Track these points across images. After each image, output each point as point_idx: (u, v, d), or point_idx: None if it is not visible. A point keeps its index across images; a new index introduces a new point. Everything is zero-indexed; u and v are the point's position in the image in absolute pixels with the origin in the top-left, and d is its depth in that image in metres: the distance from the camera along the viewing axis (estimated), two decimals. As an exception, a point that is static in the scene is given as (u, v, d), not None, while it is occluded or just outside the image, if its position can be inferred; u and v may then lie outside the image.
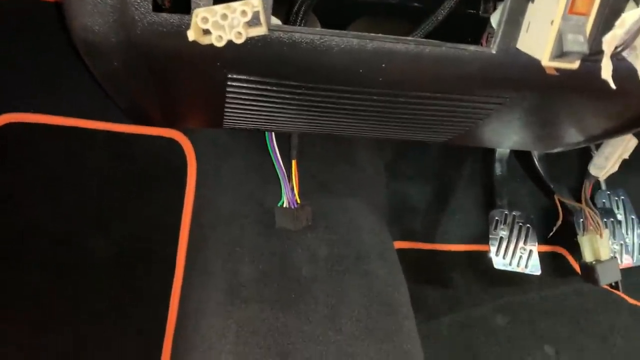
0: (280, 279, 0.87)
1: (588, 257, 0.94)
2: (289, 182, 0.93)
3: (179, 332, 0.92)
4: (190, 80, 0.58)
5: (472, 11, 0.66)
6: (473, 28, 0.64)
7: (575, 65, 0.51)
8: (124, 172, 1.05)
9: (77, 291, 0.98)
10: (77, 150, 1.03)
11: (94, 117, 1.01)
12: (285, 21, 0.59)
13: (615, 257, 0.94)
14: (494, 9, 0.63)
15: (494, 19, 0.58)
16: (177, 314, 0.96)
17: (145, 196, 1.04)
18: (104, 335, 0.97)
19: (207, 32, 0.47)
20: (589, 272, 0.94)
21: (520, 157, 1.18)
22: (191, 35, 0.46)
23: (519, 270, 1.09)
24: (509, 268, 1.09)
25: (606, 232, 0.94)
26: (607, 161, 0.89)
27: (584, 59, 0.51)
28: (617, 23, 0.47)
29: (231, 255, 0.90)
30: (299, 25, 0.59)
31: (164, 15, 0.49)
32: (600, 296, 1.24)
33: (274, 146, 0.91)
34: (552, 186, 1.11)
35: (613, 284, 1.16)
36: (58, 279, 0.99)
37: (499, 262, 1.08)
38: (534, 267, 1.09)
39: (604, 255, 0.93)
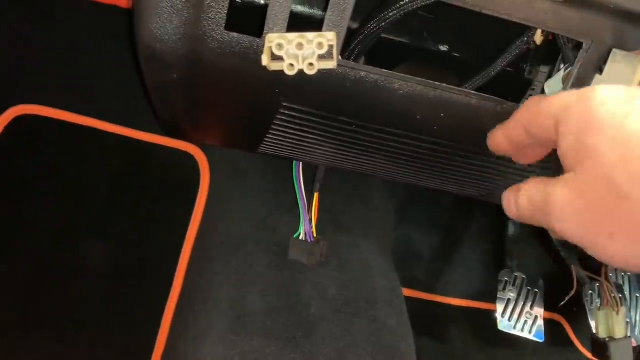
0: (288, 315, 0.84)
1: (602, 332, 0.93)
2: (309, 214, 0.91)
3: (171, 355, 0.89)
4: (243, 102, 0.56)
5: (512, 70, 0.66)
6: (514, 87, 0.64)
7: None
8: (133, 180, 1.03)
9: (65, 296, 0.95)
10: (88, 151, 1.01)
11: (110, 120, 1.00)
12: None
13: (629, 337, 0.93)
14: (539, 70, 0.63)
15: (549, 88, 0.58)
16: (168, 338, 0.92)
17: (151, 208, 1.02)
18: (87, 344, 0.93)
19: (277, 58, 0.46)
20: (601, 348, 0.92)
21: None
22: (264, 60, 0.45)
23: (523, 335, 1.07)
24: (512, 332, 1.07)
25: (623, 310, 0.92)
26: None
27: None
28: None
29: (238, 283, 0.87)
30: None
31: (235, 35, 0.48)
32: None
33: (299, 176, 0.89)
34: (562, 253, 1.10)
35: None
36: (47, 280, 0.95)
37: (505, 324, 1.07)
38: (538, 334, 1.08)
39: (619, 333, 0.91)
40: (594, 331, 0.93)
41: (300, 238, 0.92)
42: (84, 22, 0.99)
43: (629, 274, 1.20)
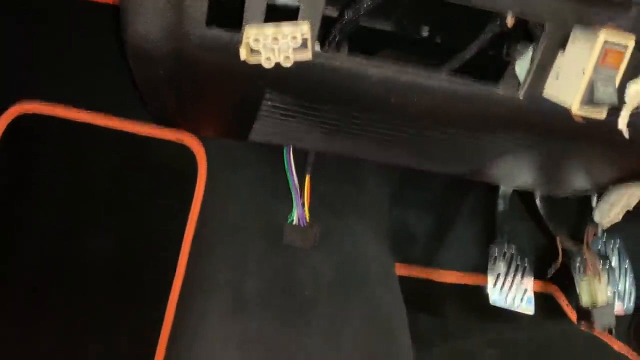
0: (284, 296, 0.88)
1: (585, 300, 0.96)
2: (301, 199, 0.95)
3: (176, 338, 0.93)
4: (229, 94, 0.60)
5: (492, 53, 0.69)
6: (492, 69, 0.67)
7: (602, 115, 0.54)
8: (133, 172, 1.06)
9: (72, 288, 0.99)
10: (88, 146, 1.04)
11: (109, 112, 1.02)
12: (321, 47, 0.61)
13: (611, 303, 0.97)
14: (516, 51, 0.66)
15: (520, 67, 0.61)
16: (174, 319, 0.96)
17: (151, 199, 1.05)
18: (96, 333, 0.97)
19: (256, 52, 0.49)
20: (585, 315, 0.96)
21: (523, 195, 1.20)
22: (242, 54, 0.48)
23: (514, 307, 1.11)
24: (504, 305, 1.11)
25: (605, 278, 0.96)
26: (611, 208, 0.91)
27: (609, 109, 0.54)
28: (641, 77, 0.50)
29: (236, 268, 0.91)
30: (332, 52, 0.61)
31: (216, 30, 0.51)
32: (587, 341, 1.26)
33: (290, 161, 0.92)
34: (551, 227, 1.13)
35: (607, 330, 1.18)
36: (54, 274, 0.99)
37: (495, 298, 1.10)
38: (527, 306, 1.11)
39: (601, 300, 0.95)
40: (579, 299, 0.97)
41: (294, 223, 0.95)
42: (77, 19, 1.02)
43: (617, 245, 1.24)
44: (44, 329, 0.95)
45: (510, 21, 0.62)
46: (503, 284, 1.10)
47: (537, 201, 1.15)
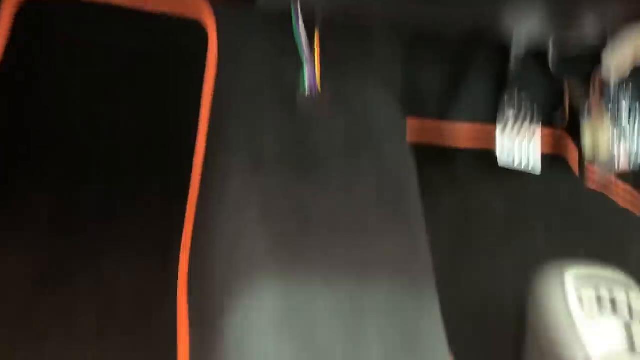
0: (300, 154, 0.94)
1: (588, 146, 0.99)
2: (312, 59, 0.97)
3: (204, 195, 1.01)
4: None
5: None
6: None
7: None
8: (146, 48, 1.08)
9: (99, 160, 1.06)
10: (101, 27, 1.06)
11: None
12: None
13: (613, 156, 0.99)
14: None
15: None
16: (201, 179, 1.04)
17: (167, 72, 1.09)
18: (127, 195, 1.04)
19: None
20: (586, 167, 0.98)
21: (536, 57, 1.19)
22: None
23: (522, 168, 1.16)
24: (512, 167, 1.16)
25: (608, 125, 0.97)
26: (621, 54, 0.90)
27: None
28: None
29: (254, 129, 0.97)
30: None
31: None
32: (594, 198, 1.31)
33: (299, 23, 0.93)
34: (563, 73, 1.13)
35: (606, 181, 1.22)
36: (79, 145, 1.06)
37: (503, 159, 1.14)
38: (535, 165, 1.16)
39: (603, 147, 0.97)
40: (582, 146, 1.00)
41: (306, 87, 0.99)
42: None
43: (630, 86, 1.23)
44: (75, 194, 1.03)
45: None
46: (512, 129, 1.13)
47: (550, 60, 1.14)
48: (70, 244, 0.97)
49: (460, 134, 1.28)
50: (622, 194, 1.31)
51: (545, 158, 1.21)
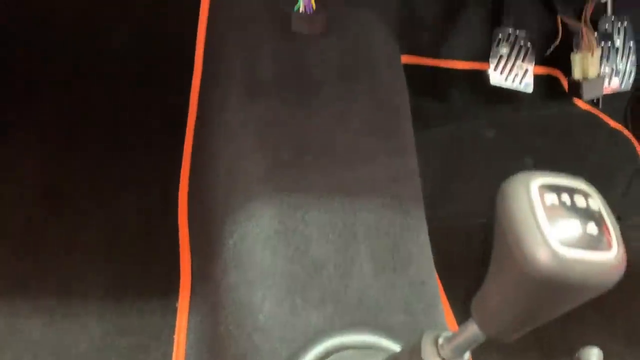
0: (295, 80, 0.95)
1: (577, 73, 1.02)
2: (307, -18, 0.97)
3: (201, 124, 1.03)
4: None
5: None
6: None
7: None
8: None
9: (100, 76, 1.07)
10: None
11: None
12: None
13: (602, 77, 1.01)
14: None
15: None
16: (198, 105, 1.06)
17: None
18: (129, 118, 1.07)
19: None
20: (575, 87, 1.02)
21: None
22: None
23: (513, 86, 1.17)
24: (504, 85, 1.17)
25: (598, 52, 1.00)
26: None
27: None
28: None
29: (249, 56, 0.97)
30: None
31: None
32: (585, 118, 1.34)
33: None
34: (558, 6, 1.14)
35: (594, 100, 1.25)
36: (81, 64, 1.07)
37: (496, 78, 1.16)
38: (526, 85, 1.18)
39: (592, 73, 1.00)
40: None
41: (301, 10, 0.99)
42: None
43: (625, 24, 1.25)
44: (75, 115, 1.06)
45: None
46: (505, 65, 1.15)
47: None
48: (75, 166, 1.01)
49: (454, 66, 1.29)
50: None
51: (537, 79, 1.22)
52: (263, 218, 0.79)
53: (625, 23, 1.24)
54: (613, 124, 1.36)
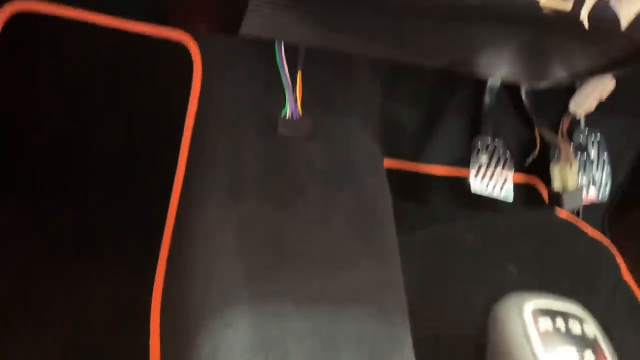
0: (279, 182, 0.95)
1: (557, 185, 1.04)
2: (293, 92, 0.99)
3: (181, 221, 1.01)
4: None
5: None
6: None
7: (568, 6, 0.58)
8: (131, 69, 1.09)
9: (79, 175, 1.05)
10: (87, 44, 1.07)
11: (104, 12, 1.04)
12: None
13: (580, 188, 1.04)
14: None
15: None
16: (178, 205, 1.04)
17: (150, 94, 1.10)
18: (105, 217, 1.04)
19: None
20: (555, 198, 1.03)
21: (509, 90, 1.24)
22: None
23: (494, 195, 1.19)
24: (484, 192, 1.19)
25: (576, 164, 1.03)
26: (586, 99, 0.96)
27: (577, 2, 0.57)
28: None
29: (234, 157, 0.98)
30: None
31: None
32: (564, 227, 1.35)
33: (282, 57, 0.96)
34: (534, 119, 1.19)
35: (575, 211, 1.27)
36: (60, 165, 1.05)
37: (476, 185, 1.18)
38: (507, 194, 1.19)
39: (571, 184, 1.02)
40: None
41: (287, 116, 1.01)
42: None
43: (598, 137, 1.30)
44: (53, 217, 1.03)
45: None
46: (485, 173, 1.17)
47: (523, 95, 1.19)
48: (46, 258, 0.96)
49: (435, 172, 1.32)
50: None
51: (517, 187, 1.24)
52: (240, 327, 0.76)
53: (599, 136, 1.29)
54: (591, 232, 1.37)
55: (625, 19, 0.60)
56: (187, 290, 0.87)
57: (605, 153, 1.28)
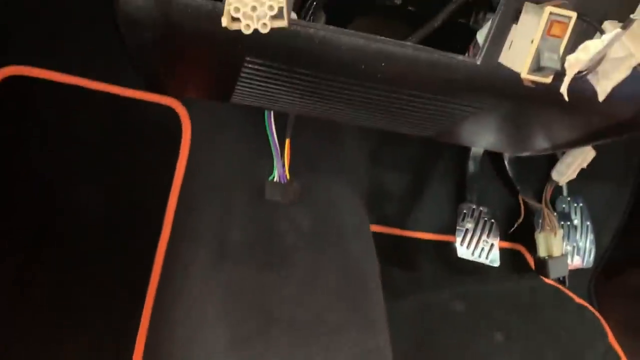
0: (265, 246, 0.94)
1: (542, 252, 1.05)
2: (281, 158, 1.01)
3: (164, 285, 0.99)
4: (212, 58, 0.65)
5: (463, 21, 0.74)
6: (462, 36, 0.73)
7: (548, 79, 0.60)
8: (120, 133, 1.10)
9: (63, 238, 1.04)
10: (78, 108, 1.08)
11: (96, 77, 1.06)
12: (297, 15, 0.66)
13: (565, 255, 1.05)
14: (484, 20, 0.71)
15: (480, 36, 0.67)
16: (162, 269, 1.02)
17: (138, 158, 1.10)
18: (88, 281, 1.02)
19: (236, 20, 0.55)
20: (541, 265, 1.04)
21: (492, 157, 1.27)
22: (224, 21, 0.53)
23: (480, 261, 1.19)
24: (471, 258, 1.19)
25: (560, 232, 1.04)
26: (567, 168, 0.99)
27: (556, 75, 0.60)
28: (580, 47, 0.56)
29: (220, 221, 0.97)
30: (309, 20, 0.67)
31: (199, 0, 0.56)
32: (551, 293, 1.34)
33: (271, 124, 0.98)
34: (518, 187, 1.21)
35: (560, 278, 1.27)
36: (45, 227, 1.04)
37: (463, 252, 1.18)
38: (493, 260, 1.20)
39: (556, 252, 1.03)
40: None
41: (275, 180, 1.02)
42: None
43: (580, 204, 1.32)
44: (35, 279, 1.01)
45: None
46: (470, 239, 1.18)
47: (506, 162, 1.22)
48: (26, 330, 0.93)
49: (421, 237, 1.32)
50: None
51: (502, 252, 1.24)
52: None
53: (581, 204, 1.32)
54: (578, 299, 1.37)
55: (602, 92, 0.63)
56: (167, 358, 0.85)
57: (588, 221, 1.30)
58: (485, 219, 1.21)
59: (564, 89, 0.57)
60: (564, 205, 1.31)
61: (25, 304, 0.97)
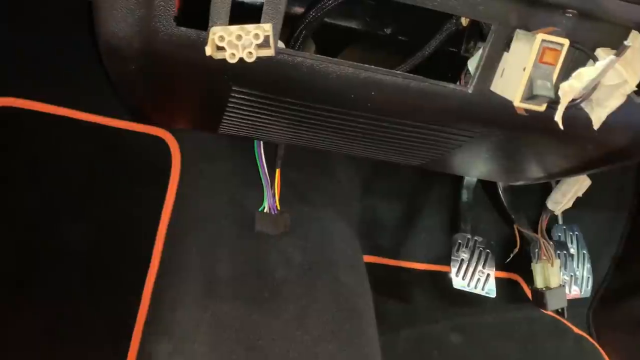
0: (255, 279, 0.92)
1: (539, 283, 1.02)
2: (272, 189, 0.99)
3: (151, 321, 0.96)
4: (198, 88, 0.63)
5: (454, 50, 0.73)
6: (453, 64, 0.72)
7: (542, 108, 0.59)
8: (108, 164, 1.08)
9: (49, 274, 1.01)
10: (65, 139, 1.07)
11: (85, 109, 1.05)
12: (286, 44, 0.65)
13: (563, 286, 1.03)
14: (475, 48, 0.70)
15: (471, 64, 0.66)
16: (150, 304, 0.99)
17: (127, 189, 1.08)
18: (74, 316, 0.99)
19: (221, 48, 0.53)
20: (539, 297, 1.02)
21: (486, 186, 1.26)
22: (208, 50, 0.52)
23: (476, 291, 1.17)
24: (466, 289, 1.17)
25: (557, 262, 1.02)
26: (563, 197, 0.97)
27: (550, 104, 0.58)
28: (574, 75, 0.55)
29: (210, 254, 0.95)
30: (298, 49, 0.65)
31: (183, 29, 0.55)
32: (549, 324, 1.32)
33: (261, 154, 0.96)
34: (513, 216, 1.19)
35: (559, 310, 1.24)
36: (31, 263, 1.01)
37: (458, 282, 1.15)
38: (489, 290, 1.17)
39: (554, 283, 1.01)
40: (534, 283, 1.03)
41: (265, 211, 0.99)
42: (53, 16, 1.04)
43: (576, 232, 1.30)
44: (22, 316, 0.98)
45: (464, 21, 0.67)
46: (466, 270, 1.16)
47: (500, 191, 1.20)
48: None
49: (415, 267, 1.30)
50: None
51: (499, 282, 1.22)
52: None
53: (577, 232, 1.30)
54: (576, 330, 1.34)
55: (597, 120, 0.62)
56: None
57: (585, 250, 1.28)
58: (481, 248, 1.19)
59: (558, 117, 0.56)
60: (559, 234, 1.29)
61: (9, 341, 0.94)
